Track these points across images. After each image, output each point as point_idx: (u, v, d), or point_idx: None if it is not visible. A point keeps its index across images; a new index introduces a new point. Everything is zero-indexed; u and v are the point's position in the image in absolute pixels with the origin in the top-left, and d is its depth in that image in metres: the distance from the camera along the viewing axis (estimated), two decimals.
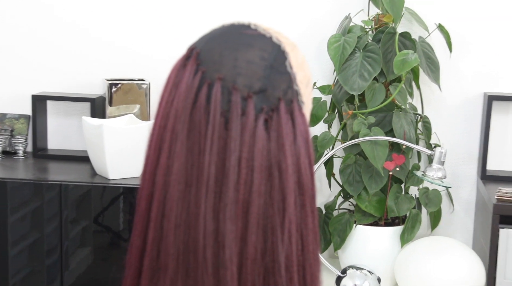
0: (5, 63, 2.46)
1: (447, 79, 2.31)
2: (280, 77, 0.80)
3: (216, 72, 0.79)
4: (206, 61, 0.80)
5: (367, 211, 2.12)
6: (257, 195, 0.76)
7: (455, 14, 2.30)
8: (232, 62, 0.79)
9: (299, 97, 0.81)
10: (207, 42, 0.82)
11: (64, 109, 2.46)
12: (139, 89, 2.28)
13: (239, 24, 0.83)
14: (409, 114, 2.13)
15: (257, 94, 0.78)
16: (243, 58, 0.79)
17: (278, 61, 0.80)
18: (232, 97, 0.78)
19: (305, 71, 0.84)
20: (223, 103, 0.78)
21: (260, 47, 0.80)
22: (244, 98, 0.78)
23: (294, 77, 0.81)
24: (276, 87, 0.79)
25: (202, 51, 0.81)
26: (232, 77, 0.78)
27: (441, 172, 2.02)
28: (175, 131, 0.80)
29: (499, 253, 2.02)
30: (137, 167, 2.15)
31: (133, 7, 2.41)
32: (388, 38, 2.11)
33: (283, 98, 0.79)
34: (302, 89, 0.82)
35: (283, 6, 2.36)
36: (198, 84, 0.79)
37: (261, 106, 0.78)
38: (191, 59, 0.81)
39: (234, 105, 0.77)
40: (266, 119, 0.78)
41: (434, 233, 2.31)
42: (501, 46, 2.31)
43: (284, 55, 0.81)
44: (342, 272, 2.08)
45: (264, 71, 0.79)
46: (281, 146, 0.78)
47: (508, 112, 2.34)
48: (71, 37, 2.43)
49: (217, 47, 0.80)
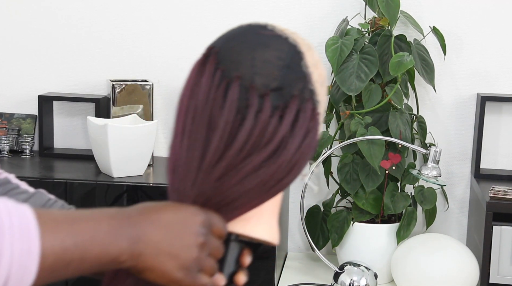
0: (13, 65, 2.46)
1: (441, 81, 2.32)
2: (296, 77, 0.82)
3: (234, 71, 0.81)
4: (224, 60, 0.82)
5: (364, 209, 2.12)
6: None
7: (449, 17, 2.31)
8: (250, 62, 0.81)
9: (314, 97, 0.83)
10: (226, 41, 0.84)
11: (69, 109, 2.47)
12: (142, 90, 2.28)
13: (256, 25, 0.85)
14: (404, 115, 2.13)
15: (273, 92, 0.81)
16: (260, 58, 0.81)
17: (294, 61, 0.82)
18: (250, 95, 0.80)
19: (320, 70, 0.85)
20: (241, 101, 0.81)
21: (277, 48, 0.82)
22: (261, 96, 0.80)
23: (309, 76, 0.83)
24: (292, 86, 0.82)
25: (221, 51, 0.83)
26: (250, 76, 0.81)
27: (436, 171, 2.02)
28: (196, 124, 0.82)
29: (493, 249, 2.02)
30: (140, 165, 2.18)
31: (137, 9, 2.42)
32: (384, 41, 2.12)
33: (299, 97, 0.82)
34: (318, 88, 0.84)
35: (281, 9, 2.36)
36: (218, 82, 0.82)
37: (277, 104, 0.81)
38: (210, 58, 0.84)
39: (252, 103, 0.80)
40: (281, 116, 0.81)
41: (429, 230, 2.30)
42: (493, 48, 2.32)
43: (300, 56, 0.83)
44: (340, 268, 2.08)
45: (280, 71, 0.81)
46: (291, 132, 0.81)
47: (501, 113, 2.35)
48: (76, 40, 2.44)
49: (235, 47, 0.82)
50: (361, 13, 2.28)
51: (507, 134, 2.36)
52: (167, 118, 2.46)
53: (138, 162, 2.16)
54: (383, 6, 2.11)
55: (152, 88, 2.30)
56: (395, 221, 2.19)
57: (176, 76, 2.44)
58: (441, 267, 2.01)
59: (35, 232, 0.67)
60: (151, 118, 2.29)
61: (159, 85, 2.43)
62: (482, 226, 2.04)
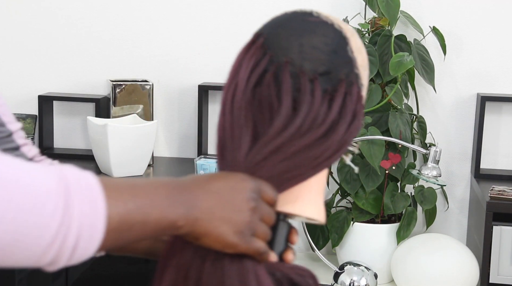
0: (13, 65, 2.47)
1: (441, 81, 2.32)
2: (342, 61, 0.85)
3: (283, 56, 0.85)
4: (273, 47, 0.86)
5: (364, 209, 2.12)
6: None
7: (449, 17, 2.31)
8: (298, 48, 0.85)
9: (359, 80, 0.87)
10: (273, 28, 0.88)
11: (69, 109, 2.48)
12: (142, 90, 2.28)
13: (302, 12, 0.89)
14: (404, 115, 2.14)
15: (322, 77, 0.84)
16: (308, 44, 0.85)
17: (340, 47, 0.86)
18: (302, 80, 0.84)
19: (363, 55, 0.89)
20: (292, 84, 0.84)
21: (323, 33, 0.86)
22: (311, 80, 0.84)
23: (355, 61, 0.86)
24: (339, 70, 0.85)
25: (268, 37, 0.87)
26: (299, 62, 0.84)
27: (436, 171, 2.02)
28: (236, 101, 0.86)
29: (493, 249, 2.02)
30: (140, 165, 2.19)
31: (137, 9, 2.42)
32: (384, 41, 2.12)
33: (346, 81, 0.85)
34: (362, 72, 0.88)
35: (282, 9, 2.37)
36: (265, 66, 0.85)
37: (325, 87, 0.84)
38: (257, 44, 0.87)
39: (304, 87, 0.84)
40: (330, 99, 0.85)
41: (429, 230, 2.30)
42: (493, 48, 2.32)
43: (345, 41, 0.86)
44: (340, 268, 2.08)
45: (328, 55, 0.85)
46: (340, 114, 0.85)
47: (501, 113, 2.35)
48: (76, 40, 2.44)
49: (283, 33, 0.86)
50: (361, 13, 2.29)
51: (507, 134, 2.36)
52: (167, 118, 2.46)
53: (138, 162, 2.17)
54: (383, 6, 2.12)
55: (152, 88, 2.30)
56: (395, 221, 2.19)
57: (176, 76, 2.44)
58: (441, 267, 2.01)
59: (100, 193, 0.70)
60: (151, 118, 2.29)
61: (159, 85, 2.44)
62: (482, 226, 2.04)
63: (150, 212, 0.74)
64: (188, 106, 2.46)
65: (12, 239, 0.64)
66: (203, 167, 2.14)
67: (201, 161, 2.17)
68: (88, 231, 0.68)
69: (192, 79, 2.44)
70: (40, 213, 0.65)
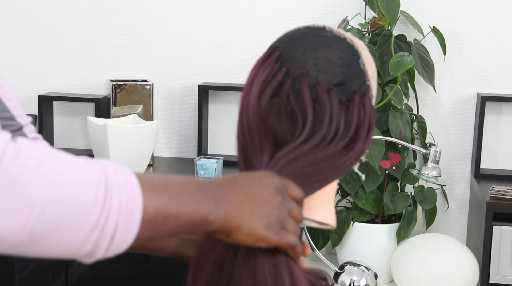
0: (13, 65, 2.47)
1: (441, 81, 2.32)
2: (355, 73, 0.90)
3: (299, 69, 0.89)
4: (289, 59, 0.90)
5: (364, 209, 2.13)
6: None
7: (449, 17, 2.31)
8: (314, 61, 0.89)
9: (370, 91, 0.91)
10: (288, 42, 0.92)
11: (69, 109, 2.48)
12: (142, 90, 2.29)
13: (315, 27, 0.93)
14: (404, 115, 2.14)
15: (336, 88, 0.89)
16: (323, 57, 0.89)
17: (353, 60, 0.90)
18: (318, 91, 0.88)
19: (373, 68, 0.93)
20: (310, 94, 0.88)
21: (337, 47, 0.91)
22: (327, 91, 0.88)
23: (366, 73, 0.91)
24: (352, 82, 0.90)
25: (284, 51, 0.91)
26: (315, 74, 0.89)
27: (436, 171, 2.02)
28: (252, 110, 0.90)
29: (493, 249, 2.03)
30: (140, 165, 2.19)
31: (137, 9, 2.42)
32: (384, 41, 2.13)
33: (359, 91, 0.90)
34: (372, 83, 0.92)
35: (282, 9, 2.36)
36: (282, 78, 0.89)
37: (340, 98, 0.89)
38: (272, 57, 0.91)
39: (322, 97, 0.88)
40: (346, 109, 0.89)
41: (429, 230, 2.31)
42: (493, 48, 2.32)
43: (357, 54, 0.91)
44: (340, 268, 2.08)
45: (341, 68, 0.89)
46: (359, 125, 0.90)
47: (501, 113, 2.35)
48: (76, 39, 2.45)
49: (298, 47, 0.90)
50: (361, 13, 2.29)
51: (507, 134, 2.37)
52: (167, 118, 2.46)
53: (138, 162, 2.17)
54: (383, 6, 2.12)
55: (152, 88, 2.31)
56: (395, 221, 2.20)
57: (176, 76, 2.44)
58: (441, 267, 2.02)
59: (137, 186, 0.73)
60: (151, 118, 2.29)
61: (159, 85, 2.44)
62: (482, 226, 2.05)
63: (184, 205, 0.76)
64: (188, 106, 2.46)
65: (54, 228, 0.67)
66: (203, 167, 2.15)
67: (201, 160, 2.17)
68: (125, 221, 0.70)
69: (192, 79, 2.44)
70: (82, 203, 0.68)
